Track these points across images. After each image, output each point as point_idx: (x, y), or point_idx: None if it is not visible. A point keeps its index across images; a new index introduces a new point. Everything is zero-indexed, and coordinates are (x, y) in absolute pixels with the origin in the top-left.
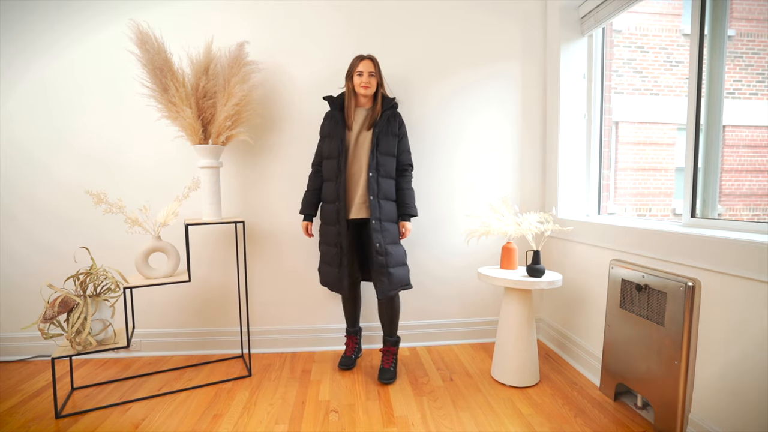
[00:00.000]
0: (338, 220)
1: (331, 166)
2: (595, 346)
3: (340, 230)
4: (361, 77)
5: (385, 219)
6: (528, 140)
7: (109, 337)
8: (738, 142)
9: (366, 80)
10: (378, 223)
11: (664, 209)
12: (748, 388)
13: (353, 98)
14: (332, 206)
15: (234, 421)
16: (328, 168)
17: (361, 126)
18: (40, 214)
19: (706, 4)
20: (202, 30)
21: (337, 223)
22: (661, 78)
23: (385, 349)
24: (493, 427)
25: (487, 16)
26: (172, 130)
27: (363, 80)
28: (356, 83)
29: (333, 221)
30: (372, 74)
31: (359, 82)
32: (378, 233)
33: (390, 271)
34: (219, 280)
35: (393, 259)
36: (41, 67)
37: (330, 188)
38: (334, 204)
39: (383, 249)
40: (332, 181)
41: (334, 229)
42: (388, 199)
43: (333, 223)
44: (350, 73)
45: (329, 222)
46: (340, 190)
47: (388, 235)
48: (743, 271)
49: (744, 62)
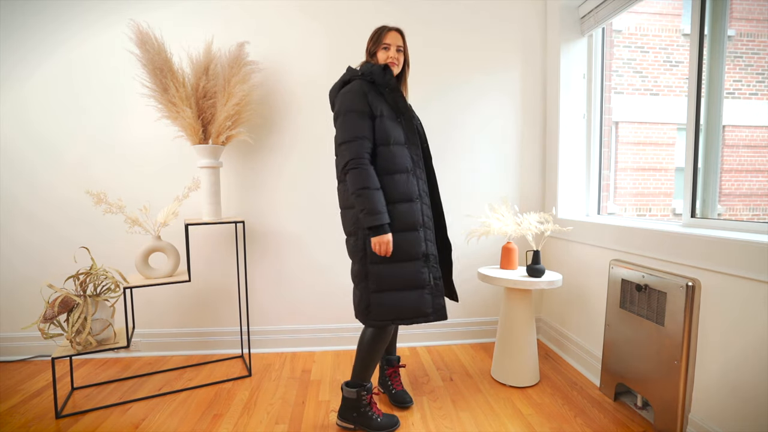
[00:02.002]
0: (423, 222)
1: (401, 154)
2: (595, 346)
3: (427, 236)
4: (387, 51)
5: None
6: (528, 140)
7: (109, 337)
8: (738, 142)
9: (394, 55)
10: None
11: (664, 209)
12: (748, 388)
13: None
14: (409, 206)
15: (234, 421)
16: (396, 155)
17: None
18: (39, 214)
19: (706, 4)
20: (202, 30)
21: (421, 226)
22: (661, 78)
23: (393, 370)
24: (493, 427)
25: (487, 16)
26: (172, 130)
27: (391, 55)
28: (381, 59)
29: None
30: (400, 49)
31: (385, 57)
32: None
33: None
34: (219, 280)
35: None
36: (41, 68)
37: (404, 181)
38: (411, 203)
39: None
40: (406, 173)
41: (418, 234)
42: None
43: (415, 228)
44: (374, 48)
45: (409, 227)
46: (421, 183)
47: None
48: (743, 271)
49: (744, 62)
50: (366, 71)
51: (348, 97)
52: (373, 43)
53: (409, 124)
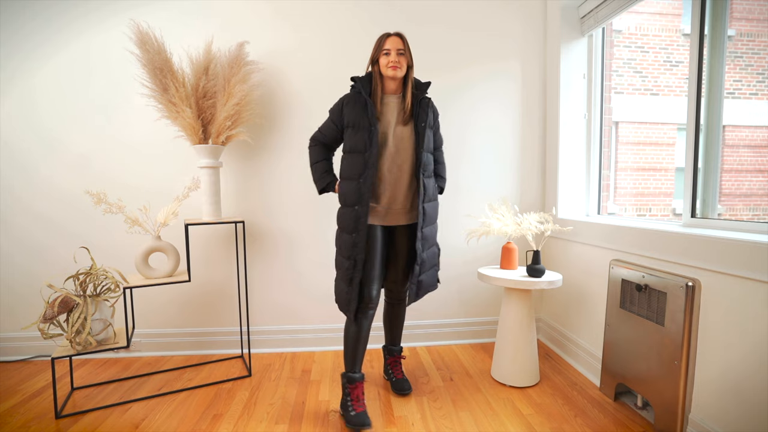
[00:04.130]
0: (356, 228)
1: (355, 162)
2: (595, 346)
3: (357, 241)
4: (388, 56)
5: (427, 225)
6: (528, 140)
7: (109, 337)
8: (738, 142)
9: (395, 59)
10: (421, 232)
11: (664, 209)
12: (748, 388)
13: (380, 83)
14: (350, 210)
15: (234, 421)
16: (351, 164)
17: (396, 118)
18: (40, 214)
19: (706, 4)
20: (202, 30)
21: (355, 231)
22: (661, 78)
23: (393, 359)
24: (493, 427)
25: (487, 16)
26: (172, 130)
27: (391, 59)
28: (383, 64)
29: (350, 228)
30: (401, 52)
31: (386, 62)
32: (419, 242)
33: (420, 279)
34: (219, 280)
35: (425, 266)
36: (43, 69)
37: (350, 188)
38: (352, 208)
39: (420, 259)
40: (353, 180)
41: (350, 238)
42: (431, 200)
43: (350, 230)
44: (375, 55)
45: (346, 229)
46: (364, 191)
47: (426, 242)
48: (743, 271)
49: (744, 62)
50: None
51: (333, 106)
52: (375, 50)
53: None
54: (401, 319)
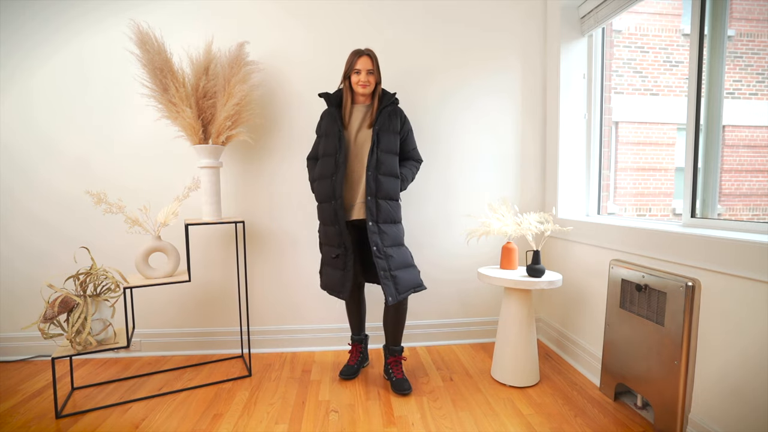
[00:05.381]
0: (337, 219)
1: (327, 164)
2: (595, 346)
3: (340, 230)
4: (359, 75)
5: (384, 221)
6: (528, 140)
7: (109, 337)
8: (738, 142)
9: (364, 79)
10: (375, 225)
11: (664, 209)
12: (748, 388)
13: (350, 96)
14: (328, 205)
15: (234, 421)
16: (324, 165)
17: (361, 124)
18: (39, 213)
19: (706, 4)
20: (202, 30)
21: (336, 223)
22: (661, 78)
23: (393, 359)
24: (493, 427)
25: (487, 16)
26: (172, 130)
27: (361, 79)
28: (354, 81)
29: (331, 221)
30: (370, 72)
31: (357, 80)
32: (375, 235)
33: (394, 275)
34: (219, 280)
35: (395, 262)
36: (42, 69)
37: (325, 186)
38: (330, 203)
39: (382, 252)
40: (327, 178)
41: (334, 229)
42: (389, 198)
43: (332, 223)
44: (347, 71)
45: (328, 222)
46: (337, 187)
47: (387, 237)
48: (743, 271)
49: (744, 62)
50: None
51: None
52: (347, 66)
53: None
54: (401, 319)
